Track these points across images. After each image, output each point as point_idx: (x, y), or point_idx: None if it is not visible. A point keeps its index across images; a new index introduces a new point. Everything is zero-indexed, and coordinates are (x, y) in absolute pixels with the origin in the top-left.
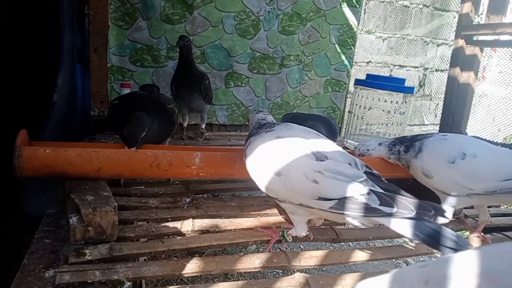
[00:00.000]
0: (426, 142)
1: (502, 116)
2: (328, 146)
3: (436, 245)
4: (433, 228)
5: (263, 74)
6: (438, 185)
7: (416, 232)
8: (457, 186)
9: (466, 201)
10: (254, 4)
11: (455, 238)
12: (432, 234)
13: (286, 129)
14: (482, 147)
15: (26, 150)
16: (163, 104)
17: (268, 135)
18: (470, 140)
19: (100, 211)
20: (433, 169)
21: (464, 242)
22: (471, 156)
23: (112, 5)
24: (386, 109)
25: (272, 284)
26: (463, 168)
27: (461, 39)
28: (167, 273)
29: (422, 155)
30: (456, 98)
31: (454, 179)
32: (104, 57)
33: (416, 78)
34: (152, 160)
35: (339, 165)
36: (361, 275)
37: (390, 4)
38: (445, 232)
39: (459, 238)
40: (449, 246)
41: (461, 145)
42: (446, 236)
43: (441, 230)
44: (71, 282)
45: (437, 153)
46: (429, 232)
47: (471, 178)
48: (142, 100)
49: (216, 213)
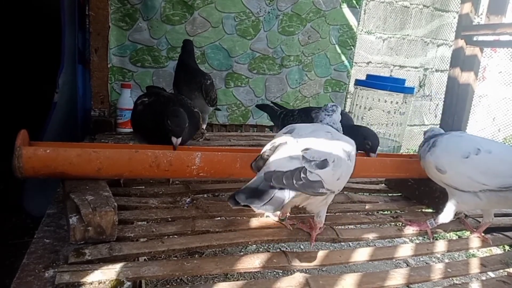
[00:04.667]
0: (441, 138)
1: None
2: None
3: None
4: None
5: (263, 75)
6: (451, 180)
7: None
8: (470, 181)
9: (474, 201)
10: (254, 5)
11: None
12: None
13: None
14: (497, 144)
15: (26, 150)
16: (191, 107)
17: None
18: (484, 139)
19: (100, 211)
20: (446, 164)
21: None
22: (486, 152)
23: (112, 6)
24: (386, 110)
25: (272, 284)
26: (477, 163)
27: (461, 39)
28: (167, 273)
29: (435, 150)
30: (456, 99)
31: (468, 174)
32: (104, 58)
33: (416, 78)
34: (152, 160)
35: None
36: (361, 275)
37: (390, 4)
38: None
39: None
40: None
41: (476, 141)
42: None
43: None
44: (71, 282)
45: (451, 148)
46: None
47: (485, 173)
48: (173, 100)
49: (216, 213)
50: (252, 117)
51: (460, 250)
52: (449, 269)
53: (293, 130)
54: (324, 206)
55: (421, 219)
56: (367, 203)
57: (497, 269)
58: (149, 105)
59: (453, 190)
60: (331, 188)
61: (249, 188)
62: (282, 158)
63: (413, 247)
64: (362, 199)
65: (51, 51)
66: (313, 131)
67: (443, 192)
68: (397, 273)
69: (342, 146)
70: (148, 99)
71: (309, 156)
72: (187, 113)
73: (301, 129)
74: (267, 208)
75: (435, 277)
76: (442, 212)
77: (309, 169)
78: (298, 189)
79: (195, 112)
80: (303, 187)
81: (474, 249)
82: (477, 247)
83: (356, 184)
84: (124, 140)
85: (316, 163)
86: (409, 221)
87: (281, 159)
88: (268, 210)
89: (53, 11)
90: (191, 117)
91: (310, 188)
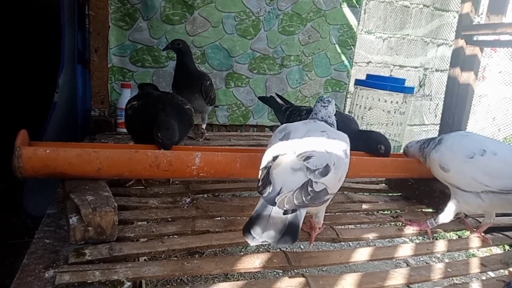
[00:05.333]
0: (447, 137)
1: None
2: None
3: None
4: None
5: (263, 74)
6: (454, 179)
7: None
8: (472, 182)
9: (476, 202)
10: (254, 5)
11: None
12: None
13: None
14: (502, 145)
15: (26, 150)
16: (181, 105)
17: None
18: (491, 139)
19: (100, 211)
20: (450, 162)
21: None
22: (491, 153)
23: (112, 6)
24: (386, 109)
25: (272, 284)
26: (481, 164)
27: (461, 39)
28: (167, 273)
29: (440, 147)
30: (456, 98)
31: (471, 174)
32: (104, 58)
33: (416, 78)
34: (152, 160)
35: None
36: (361, 275)
37: (390, 4)
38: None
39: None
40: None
41: (482, 142)
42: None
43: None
44: (71, 282)
45: (456, 147)
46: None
47: (489, 174)
48: (162, 101)
49: (216, 213)
50: (253, 117)
51: (460, 250)
52: (449, 269)
53: (289, 135)
54: (323, 207)
55: (421, 219)
56: (367, 203)
57: (497, 269)
58: (138, 109)
59: (456, 190)
60: (334, 191)
61: (261, 216)
62: (285, 172)
63: (413, 247)
64: (362, 199)
65: (51, 51)
66: (308, 131)
67: (443, 192)
68: (397, 273)
69: (339, 146)
70: (137, 102)
71: (312, 166)
72: (178, 111)
73: (296, 132)
74: (286, 240)
75: (435, 277)
76: (442, 212)
77: (314, 179)
78: (308, 205)
79: (187, 109)
80: (311, 200)
81: (474, 249)
82: (477, 247)
83: (356, 184)
84: (124, 140)
85: (319, 171)
86: (409, 220)
87: (284, 173)
88: (287, 243)
89: (53, 11)
90: (183, 114)
91: (317, 200)
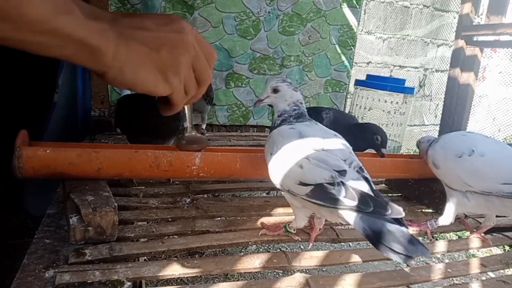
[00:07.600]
0: (445, 135)
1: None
2: (334, 144)
3: (376, 243)
4: (382, 226)
5: (263, 75)
6: (444, 176)
7: (364, 226)
8: (458, 180)
9: (463, 201)
10: (254, 5)
11: (405, 244)
12: (378, 232)
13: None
14: (496, 147)
15: (26, 151)
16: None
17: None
18: (490, 140)
19: (100, 211)
20: (440, 160)
21: (416, 251)
22: (478, 155)
23: (112, 6)
24: (386, 110)
25: (272, 284)
26: (467, 164)
27: (461, 39)
28: (167, 273)
29: (435, 145)
30: (456, 99)
31: (457, 172)
32: None
33: (416, 78)
34: (152, 160)
35: (327, 155)
36: (361, 275)
37: (390, 4)
38: (395, 234)
39: (413, 245)
40: (393, 248)
41: (474, 142)
42: (394, 238)
43: (391, 230)
44: (71, 282)
45: (448, 146)
46: (376, 228)
47: (472, 175)
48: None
49: (216, 213)
50: (253, 118)
51: (460, 250)
52: (449, 269)
53: (315, 143)
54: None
55: (421, 219)
56: None
57: (497, 269)
58: (124, 104)
59: (447, 188)
60: None
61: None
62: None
63: None
64: None
65: None
66: (325, 137)
67: (443, 192)
68: (397, 273)
69: (347, 145)
70: (125, 97)
71: (368, 176)
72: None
73: (321, 140)
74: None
75: (435, 277)
76: (442, 214)
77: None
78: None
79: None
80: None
81: (474, 249)
82: (477, 247)
83: None
84: (124, 140)
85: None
86: (409, 221)
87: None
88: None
89: None
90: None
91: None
